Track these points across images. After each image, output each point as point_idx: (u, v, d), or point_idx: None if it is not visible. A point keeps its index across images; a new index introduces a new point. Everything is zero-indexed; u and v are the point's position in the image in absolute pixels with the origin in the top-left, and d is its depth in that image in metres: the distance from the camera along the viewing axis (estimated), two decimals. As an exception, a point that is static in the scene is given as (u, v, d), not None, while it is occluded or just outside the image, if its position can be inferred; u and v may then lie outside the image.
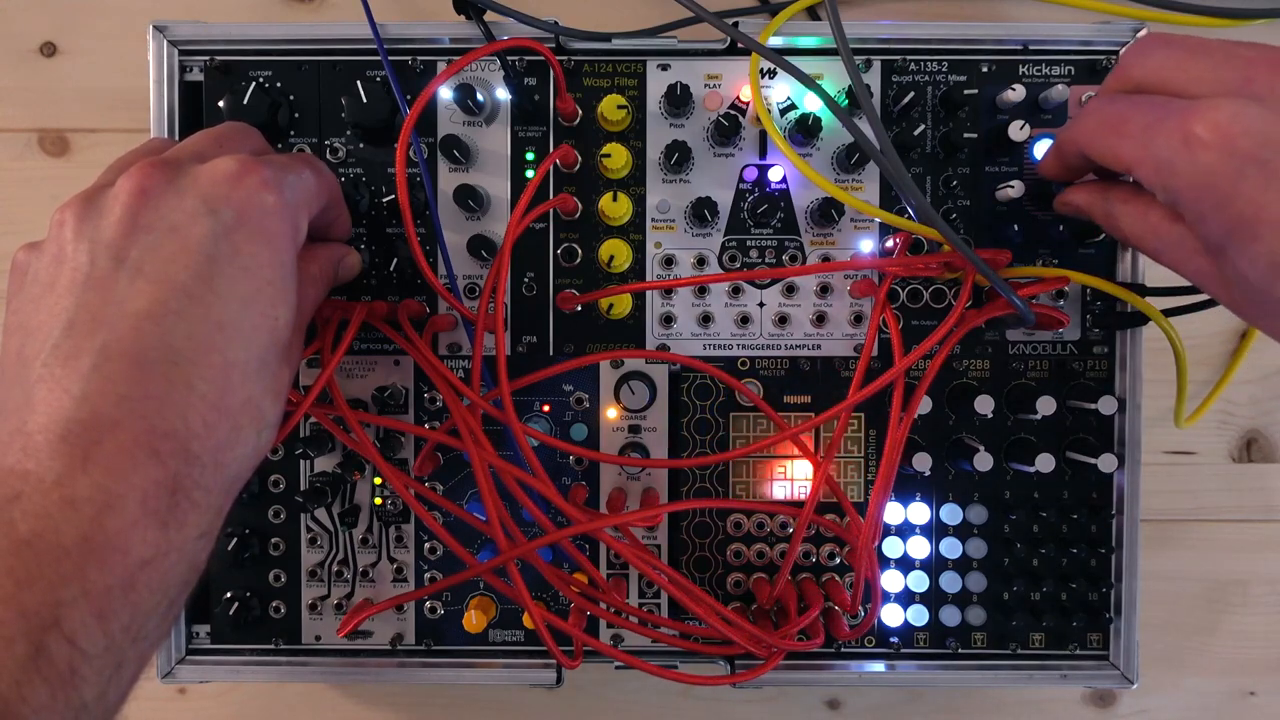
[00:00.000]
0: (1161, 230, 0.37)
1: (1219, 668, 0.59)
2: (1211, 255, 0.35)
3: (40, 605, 0.28)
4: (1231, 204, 0.32)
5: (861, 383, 0.46)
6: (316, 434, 0.48)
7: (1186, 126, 0.33)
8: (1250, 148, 0.32)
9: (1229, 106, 0.32)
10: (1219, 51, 0.35)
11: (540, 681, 0.49)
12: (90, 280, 0.33)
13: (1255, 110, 0.32)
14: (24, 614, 0.28)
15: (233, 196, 0.34)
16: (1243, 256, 0.33)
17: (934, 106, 0.48)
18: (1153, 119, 0.35)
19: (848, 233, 0.49)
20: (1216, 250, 0.34)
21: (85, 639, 0.29)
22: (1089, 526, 0.49)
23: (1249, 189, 0.32)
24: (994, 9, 0.57)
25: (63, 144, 0.57)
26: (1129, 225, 0.39)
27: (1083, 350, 0.49)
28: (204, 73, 0.48)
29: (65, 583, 0.29)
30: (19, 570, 0.28)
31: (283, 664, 0.49)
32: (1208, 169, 0.32)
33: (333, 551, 0.49)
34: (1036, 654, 0.49)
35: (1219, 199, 0.33)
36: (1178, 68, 0.35)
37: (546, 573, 0.44)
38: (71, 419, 0.30)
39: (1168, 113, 0.34)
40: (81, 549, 0.29)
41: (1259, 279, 0.33)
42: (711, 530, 0.49)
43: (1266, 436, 0.59)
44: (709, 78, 0.48)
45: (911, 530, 0.49)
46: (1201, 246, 0.35)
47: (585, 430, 0.48)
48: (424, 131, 0.48)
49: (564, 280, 0.49)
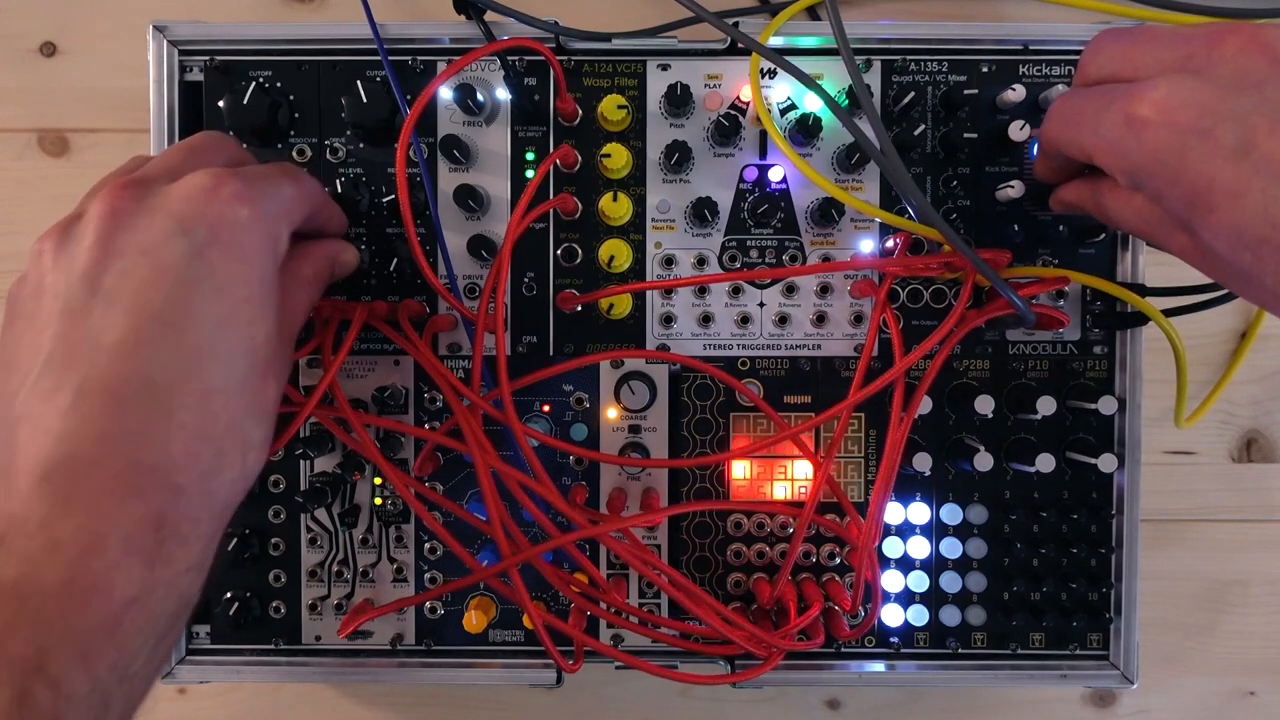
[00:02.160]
0: (1145, 213, 0.37)
1: (1219, 668, 0.59)
2: (1187, 231, 0.35)
3: (23, 651, 0.27)
4: (1183, 178, 0.32)
5: (862, 383, 0.46)
6: (316, 434, 0.48)
7: (1129, 108, 0.33)
8: (1190, 119, 0.32)
9: (1166, 84, 0.33)
10: (1162, 35, 0.35)
11: (540, 681, 0.48)
12: (66, 312, 0.32)
13: (1192, 83, 0.32)
14: (8, 661, 0.27)
15: (206, 213, 0.33)
16: (1205, 229, 0.33)
17: (934, 106, 0.48)
18: (1100, 106, 0.35)
19: (848, 233, 0.49)
20: (1185, 226, 0.34)
21: (69, 682, 0.28)
22: (1089, 526, 0.48)
23: (1195, 160, 0.32)
24: (994, 9, 0.57)
25: (63, 144, 0.57)
26: (1118, 213, 0.39)
27: (1083, 350, 0.49)
28: (204, 73, 0.48)
29: (48, 626, 0.28)
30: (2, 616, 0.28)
31: (283, 664, 0.49)
32: (1154, 147, 0.33)
33: (333, 551, 0.49)
34: (1036, 654, 0.49)
35: (1170, 175, 0.33)
36: (1125, 57, 0.36)
37: (547, 573, 0.44)
38: (52, 459, 0.30)
39: (1113, 98, 0.34)
40: (65, 592, 0.28)
41: (1225, 249, 0.33)
42: (711, 530, 0.49)
43: (1266, 436, 0.59)
44: (709, 78, 0.48)
45: (911, 530, 0.49)
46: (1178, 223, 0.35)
47: (585, 430, 0.48)
48: (424, 131, 0.48)
49: (564, 280, 0.49)
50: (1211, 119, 0.31)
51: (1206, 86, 0.32)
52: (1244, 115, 0.31)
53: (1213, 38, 0.33)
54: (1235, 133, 0.31)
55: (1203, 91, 0.32)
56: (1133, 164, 0.34)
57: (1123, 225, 0.39)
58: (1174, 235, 0.36)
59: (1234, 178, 0.31)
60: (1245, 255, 0.32)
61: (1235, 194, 0.31)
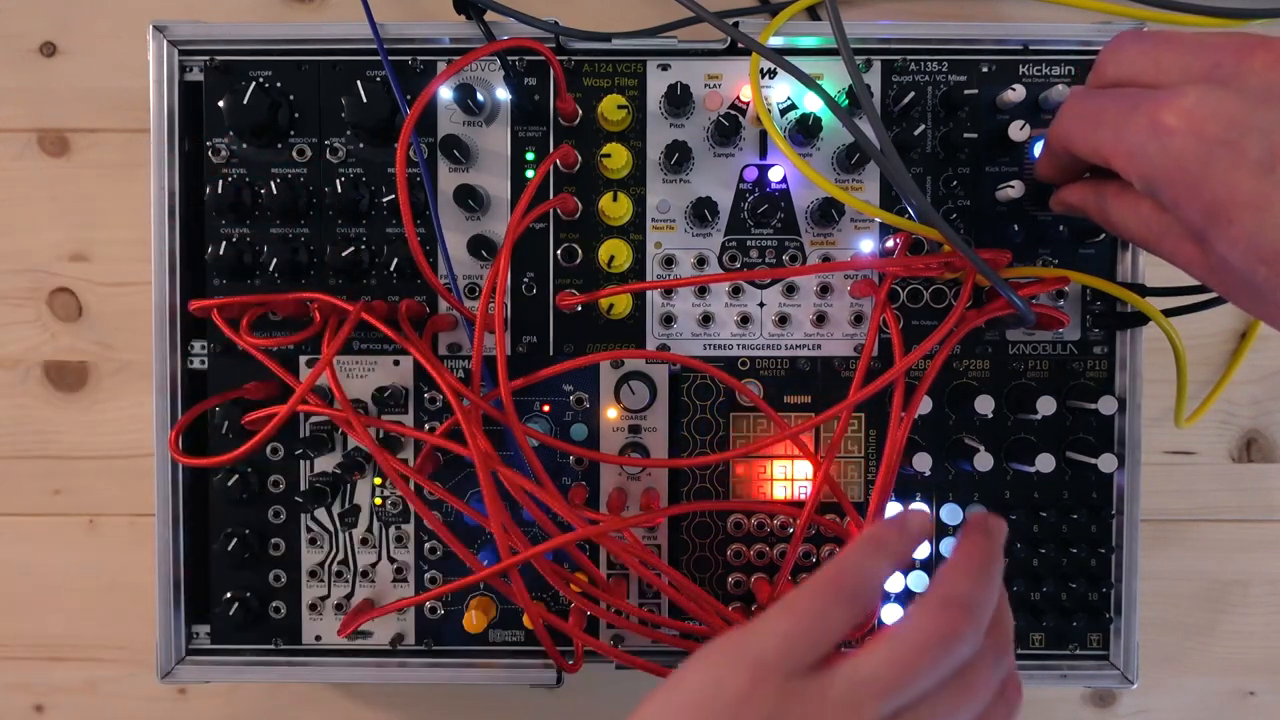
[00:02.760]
0: (1151, 221, 0.37)
1: (1219, 668, 0.59)
2: (1197, 242, 0.35)
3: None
4: (1204, 188, 0.32)
5: (862, 382, 0.46)
6: (316, 434, 0.48)
7: (1155, 115, 0.33)
8: (1217, 131, 0.32)
9: (1194, 92, 0.33)
10: (1188, 42, 0.35)
11: (540, 681, 0.49)
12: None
13: (1220, 94, 0.32)
14: None
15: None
16: (1221, 240, 0.33)
17: (934, 106, 0.48)
18: (1124, 109, 0.35)
19: (848, 233, 0.49)
20: (1199, 236, 0.34)
21: None
22: (1089, 526, 0.48)
23: (1219, 172, 0.32)
24: (994, 9, 0.57)
25: (62, 144, 0.57)
26: (1121, 219, 0.39)
27: (1083, 350, 0.49)
28: (204, 73, 0.48)
29: None
30: None
31: (283, 664, 0.49)
32: (1178, 155, 0.33)
33: (333, 551, 0.49)
34: (1036, 654, 0.49)
35: (1191, 184, 0.33)
36: (1148, 61, 0.36)
37: (547, 573, 0.44)
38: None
39: (1138, 102, 0.34)
40: None
41: (1239, 262, 0.33)
42: (712, 530, 0.49)
43: (1266, 436, 0.59)
44: (709, 78, 0.48)
45: (911, 530, 0.49)
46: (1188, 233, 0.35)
47: (585, 430, 0.48)
48: (424, 131, 0.48)
49: (564, 280, 0.49)
50: (1238, 131, 0.31)
51: (1234, 98, 0.32)
52: (1270, 129, 0.31)
53: (1243, 49, 0.33)
54: (1261, 146, 0.31)
55: (1230, 103, 0.32)
56: (1153, 170, 0.34)
57: (1125, 231, 0.39)
58: (1181, 246, 0.36)
59: (1257, 191, 0.31)
60: (1261, 269, 0.32)
61: (1257, 207, 0.31)
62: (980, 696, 0.32)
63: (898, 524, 0.35)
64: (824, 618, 0.32)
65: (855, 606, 0.32)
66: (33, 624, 0.59)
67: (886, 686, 0.30)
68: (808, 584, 0.33)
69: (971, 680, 0.32)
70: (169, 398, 0.48)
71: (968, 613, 0.32)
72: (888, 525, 0.35)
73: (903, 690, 0.30)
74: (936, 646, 0.31)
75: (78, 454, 0.58)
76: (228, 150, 0.48)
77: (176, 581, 0.49)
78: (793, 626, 0.31)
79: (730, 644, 0.32)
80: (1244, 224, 0.32)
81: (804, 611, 0.32)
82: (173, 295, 0.48)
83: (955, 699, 0.32)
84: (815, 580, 0.33)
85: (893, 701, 0.30)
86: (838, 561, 0.34)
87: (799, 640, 0.31)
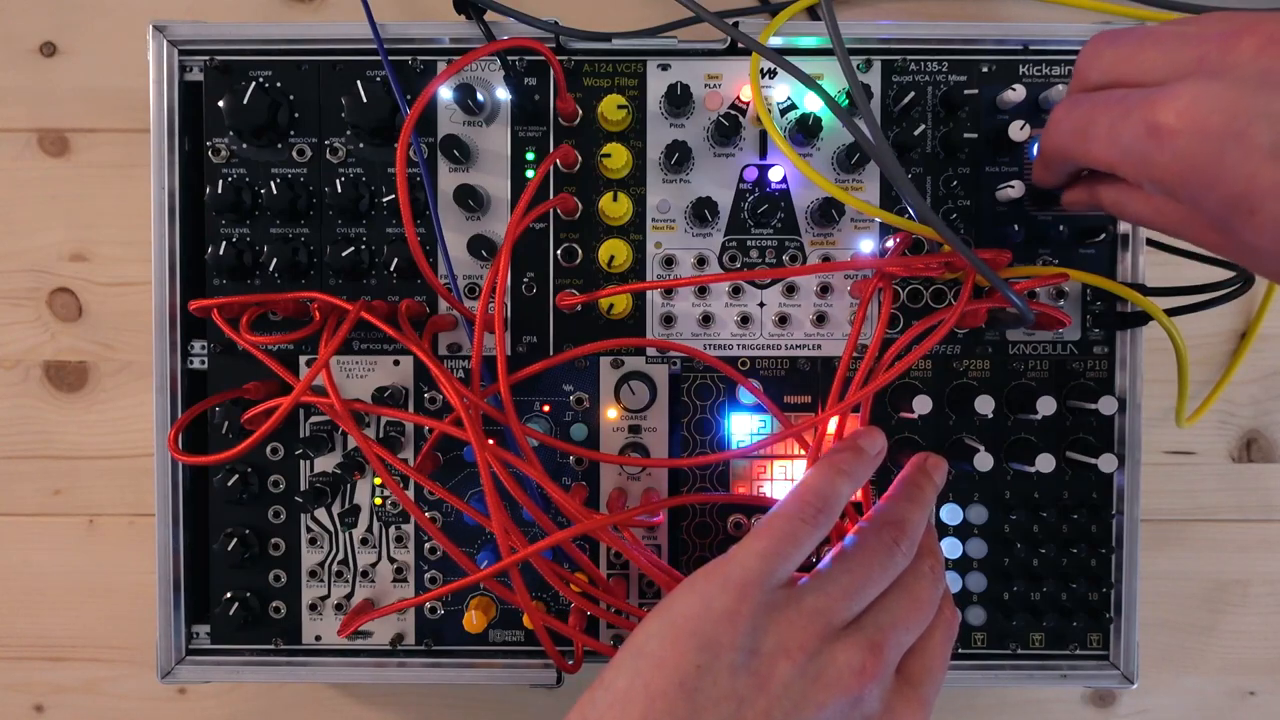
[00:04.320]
0: (1167, 211, 0.37)
1: (1219, 667, 0.59)
2: (1221, 230, 0.35)
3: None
4: (1221, 183, 0.32)
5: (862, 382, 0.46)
6: (316, 434, 0.48)
7: (1151, 118, 0.33)
8: (1220, 124, 0.31)
9: (1189, 89, 0.32)
10: (1167, 37, 0.34)
11: (540, 681, 0.49)
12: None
13: (1215, 86, 0.32)
14: None
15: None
16: (1246, 229, 0.33)
17: (934, 106, 0.48)
18: (1116, 115, 0.34)
19: (848, 233, 0.49)
20: (1222, 227, 0.34)
21: None
22: (1089, 526, 0.48)
23: (1232, 164, 0.31)
24: (994, 9, 0.57)
25: (62, 144, 0.57)
26: (1137, 212, 0.39)
27: (1083, 350, 0.49)
28: (204, 73, 0.48)
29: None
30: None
31: (283, 664, 0.49)
32: (1185, 155, 0.32)
33: (333, 551, 0.49)
34: (1036, 654, 0.49)
35: (1207, 181, 0.32)
36: (1129, 61, 0.35)
37: (547, 574, 0.44)
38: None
39: (1129, 107, 0.34)
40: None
41: (1271, 245, 0.32)
42: (712, 530, 0.49)
43: (1266, 436, 0.59)
44: (709, 78, 0.48)
45: (911, 530, 0.49)
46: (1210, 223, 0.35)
47: (585, 430, 0.48)
48: (424, 131, 0.48)
49: (564, 280, 0.49)
50: (1242, 120, 0.31)
51: (1232, 89, 0.31)
52: (1276, 114, 0.31)
53: (1226, 37, 0.32)
54: (1270, 132, 0.31)
55: (1228, 94, 0.31)
56: (1162, 173, 0.33)
57: (1144, 223, 0.39)
58: (1207, 234, 0.36)
59: (1274, 178, 0.31)
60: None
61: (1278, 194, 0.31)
62: (925, 611, 0.38)
63: (854, 447, 0.42)
64: (794, 538, 0.37)
65: (820, 525, 0.38)
66: (33, 624, 0.59)
67: (846, 591, 0.37)
68: (778, 509, 0.38)
69: (918, 595, 0.38)
70: (169, 398, 0.48)
71: (900, 529, 0.39)
72: (845, 449, 0.42)
73: (858, 595, 0.37)
74: (882, 555, 0.38)
75: (78, 454, 0.58)
76: (228, 150, 0.48)
77: (176, 581, 0.49)
78: (767, 547, 0.36)
79: (714, 569, 0.37)
80: (1268, 211, 0.32)
81: (777, 533, 0.37)
82: (173, 295, 0.48)
83: (908, 612, 0.38)
84: (784, 505, 0.38)
85: (853, 605, 0.37)
86: (802, 486, 0.39)
87: (774, 559, 0.36)
